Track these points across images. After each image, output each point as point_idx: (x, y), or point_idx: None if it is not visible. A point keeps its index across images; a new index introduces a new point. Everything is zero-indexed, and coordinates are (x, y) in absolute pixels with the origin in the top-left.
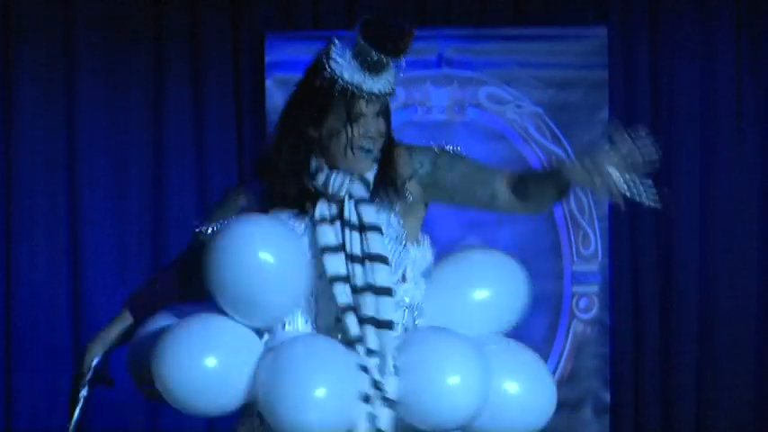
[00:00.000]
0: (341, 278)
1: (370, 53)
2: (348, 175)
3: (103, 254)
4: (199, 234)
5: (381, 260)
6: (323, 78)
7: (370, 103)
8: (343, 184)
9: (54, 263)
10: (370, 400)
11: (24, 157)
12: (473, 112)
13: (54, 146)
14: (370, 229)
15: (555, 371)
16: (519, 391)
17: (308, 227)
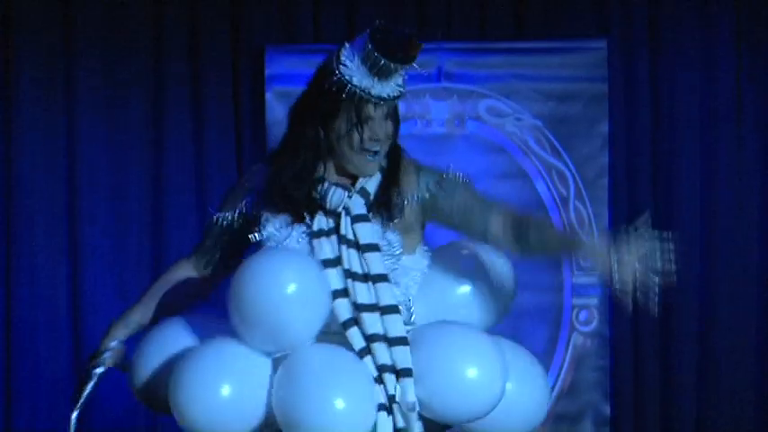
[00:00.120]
0: (339, 293)
1: (379, 60)
2: (347, 190)
3: (103, 254)
4: (215, 221)
5: (383, 279)
6: (332, 82)
7: (378, 107)
8: (341, 200)
9: (54, 263)
10: (387, 411)
11: (24, 158)
12: (473, 125)
13: (54, 146)
14: (368, 249)
15: (555, 383)
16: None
17: (303, 238)
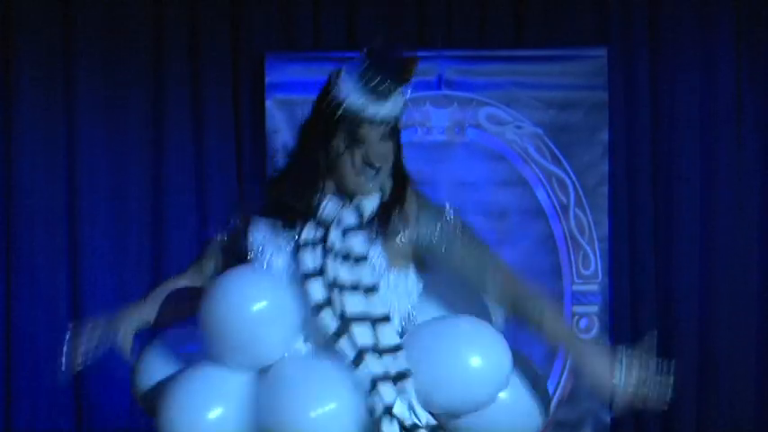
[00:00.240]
0: (322, 304)
1: (374, 80)
2: (342, 203)
3: (103, 254)
4: (213, 238)
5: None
6: (329, 101)
7: (373, 128)
8: (334, 211)
9: (54, 263)
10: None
11: (24, 157)
12: (473, 132)
13: (54, 146)
14: (359, 259)
15: (555, 391)
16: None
17: (288, 247)
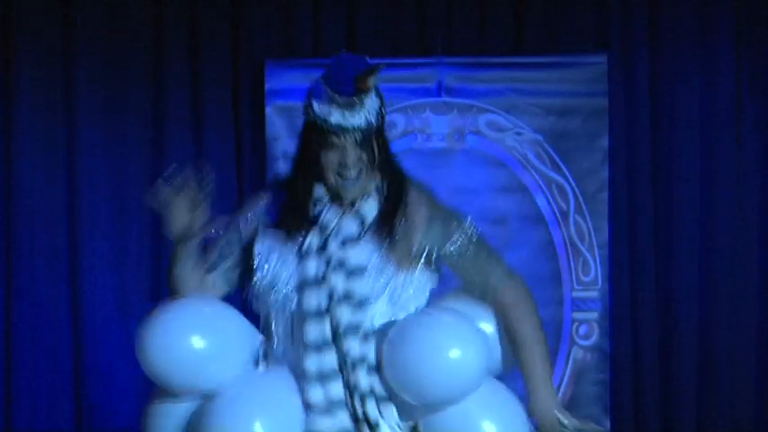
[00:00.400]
0: (317, 313)
1: (333, 90)
2: (342, 211)
3: (103, 254)
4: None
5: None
6: (305, 109)
7: (345, 135)
8: (334, 218)
9: (54, 263)
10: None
11: (24, 158)
12: (473, 139)
13: (54, 146)
14: (355, 272)
15: None
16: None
17: (295, 256)
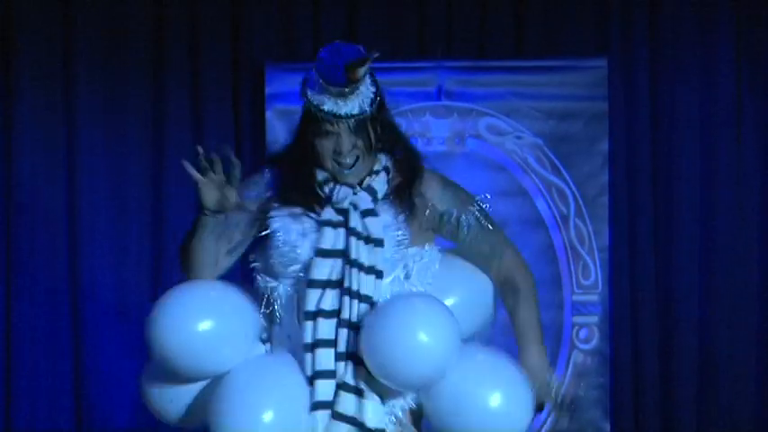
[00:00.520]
0: (329, 283)
1: (323, 79)
2: (352, 188)
3: (103, 254)
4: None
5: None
6: (301, 97)
7: (338, 122)
8: (347, 196)
9: (54, 263)
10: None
11: (24, 157)
12: (473, 143)
13: (54, 146)
14: (375, 242)
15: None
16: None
17: (313, 227)
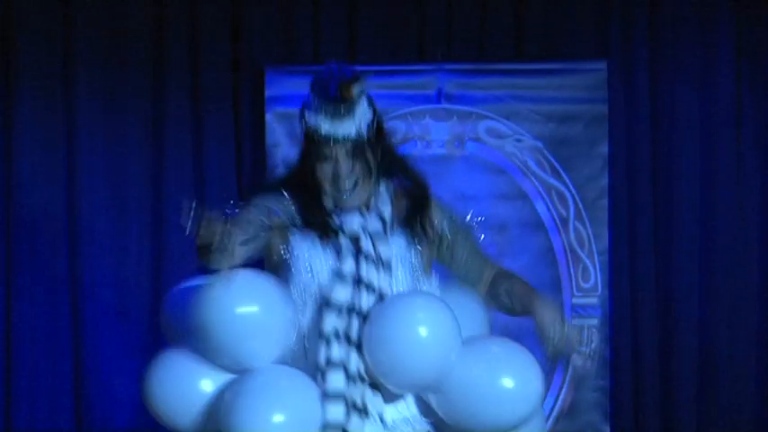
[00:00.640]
0: (345, 306)
1: (319, 101)
2: (361, 214)
3: (103, 254)
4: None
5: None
6: (300, 120)
7: (336, 146)
8: (355, 221)
9: (54, 263)
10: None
11: (24, 158)
12: (472, 146)
13: (54, 146)
14: (385, 265)
15: (555, 404)
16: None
17: (332, 252)
